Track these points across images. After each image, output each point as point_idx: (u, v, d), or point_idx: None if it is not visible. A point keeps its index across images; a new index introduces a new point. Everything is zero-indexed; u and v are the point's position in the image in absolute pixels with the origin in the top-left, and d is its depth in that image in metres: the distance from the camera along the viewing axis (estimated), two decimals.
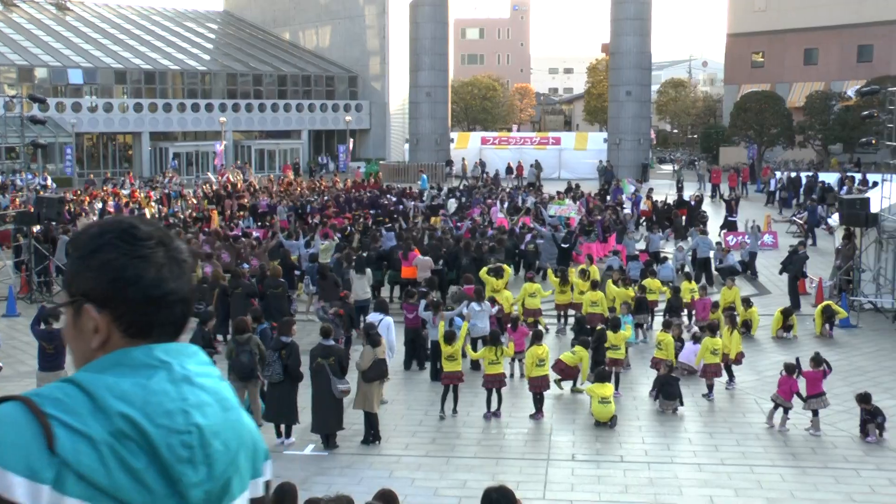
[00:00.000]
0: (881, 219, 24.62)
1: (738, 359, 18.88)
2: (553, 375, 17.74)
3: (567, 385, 18.23)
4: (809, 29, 73.09)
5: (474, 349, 19.62)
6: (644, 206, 40.66)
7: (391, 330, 17.56)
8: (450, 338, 17.25)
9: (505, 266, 23.78)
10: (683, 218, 37.58)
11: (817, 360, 16.31)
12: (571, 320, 22.71)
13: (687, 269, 28.07)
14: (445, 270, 26.00)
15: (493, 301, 21.00)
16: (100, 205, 40.24)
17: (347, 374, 15.41)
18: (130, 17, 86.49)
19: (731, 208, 38.76)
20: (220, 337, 20.73)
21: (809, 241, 35.36)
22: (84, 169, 66.97)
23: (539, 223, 32.82)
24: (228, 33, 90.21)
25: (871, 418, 15.45)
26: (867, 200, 24.87)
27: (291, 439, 15.45)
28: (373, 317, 18.12)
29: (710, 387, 18.04)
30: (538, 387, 16.93)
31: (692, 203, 39.03)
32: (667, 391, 17.08)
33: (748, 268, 29.75)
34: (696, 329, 20.98)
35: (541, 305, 22.88)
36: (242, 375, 15.66)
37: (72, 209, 37.21)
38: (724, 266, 27.71)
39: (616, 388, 17.77)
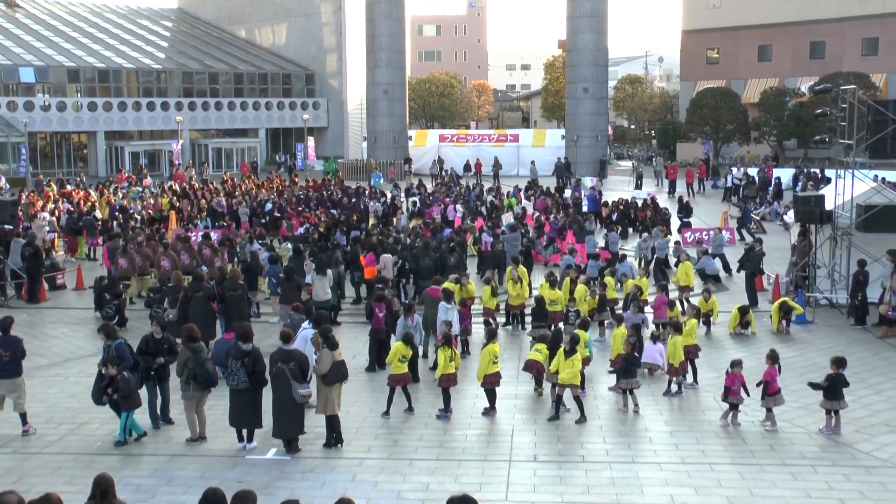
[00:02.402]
0: (835, 216, 24.98)
1: (695, 351, 19.01)
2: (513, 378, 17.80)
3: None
4: (763, 26, 73.92)
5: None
6: (603, 212, 40.47)
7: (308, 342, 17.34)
8: (408, 339, 17.29)
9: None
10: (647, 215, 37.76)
11: (773, 356, 16.51)
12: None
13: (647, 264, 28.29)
14: (407, 269, 26.20)
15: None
16: (51, 206, 39.76)
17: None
18: (83, 14, 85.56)
19: (685, 210, 39.03)
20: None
21: (737, 238, 35.94)
22: (38, 168, 66.14)
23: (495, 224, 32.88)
24: (183, 31, 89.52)
25: (830, 386, 15.73)
26: (822, 198, 25.18)
27: (253, 444, 15.37)
28: (305, 325, 17.89)
29: (672, 383, 18.23)
30: (492, 383, 17.10)
31: (650, 204, 39.28)
32: (629, 370, 17.25)
33: (726, 269, 29.96)
34: (653, 328, 21.19)
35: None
36: (209, 383, 15.54)
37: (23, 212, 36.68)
38: (678, 256, 28.02)
39: (583, 388, 17.87)
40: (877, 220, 23.55)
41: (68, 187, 50.24)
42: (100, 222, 36.08)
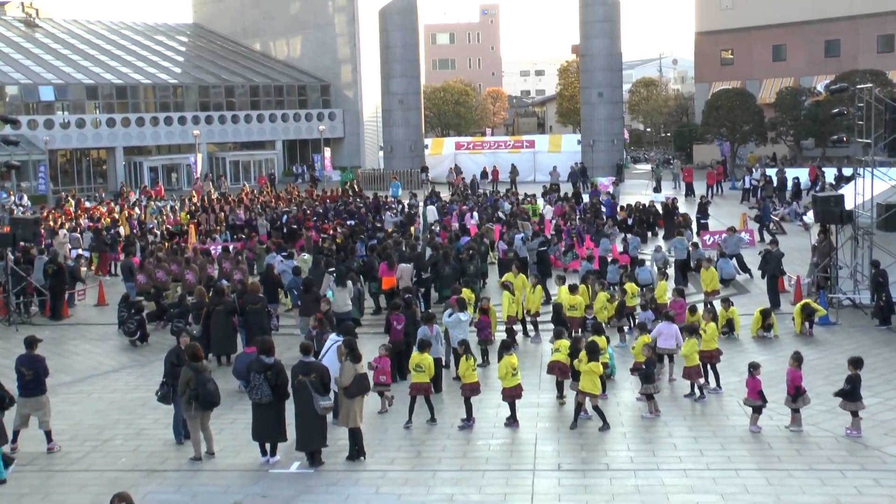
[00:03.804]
0: (856, 215, 24.80)
1: (716, 355, 18.87)
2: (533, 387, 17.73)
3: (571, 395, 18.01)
4: (776, 25, 73.67)
5: (456, 359, 19.59)
6: (619, 216, 40.10)
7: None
8: (423, 346, 17.26)
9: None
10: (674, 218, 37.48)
11: (798, 358, 16.40)
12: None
13: (667, 270, 28.14)
14: (425, 278, 26.14)
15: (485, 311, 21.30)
16: (70, 223, 39.87)
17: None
18: (100, 31, 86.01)
19: (704, 211, 38.87)
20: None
21: (757, 239, 35.74)
22: (58, 185, 66.57)
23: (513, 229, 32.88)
24: (199, 45, 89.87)
25: (850, 389, 15.68)
26: (841, 197, 25.04)
27: (277, 457, 15.36)
28: (332, 337, 17.65)
29: (694, 386, 18.15)
30: (512, 396, 16.95)
31: (670, 208, 39.11)
32: (649, 375, 17.25)
33: (744, 270, 29.82)
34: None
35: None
36: (211, 404, 15.42)
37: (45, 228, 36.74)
38: (697, 259, 27.88)
39: (604, 391, 17.82)
40: None
41: (86, 204, 50.49)
42: (122, 238, 36.13)
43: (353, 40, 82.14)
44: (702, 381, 18.32)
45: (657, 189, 55.83)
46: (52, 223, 38.97)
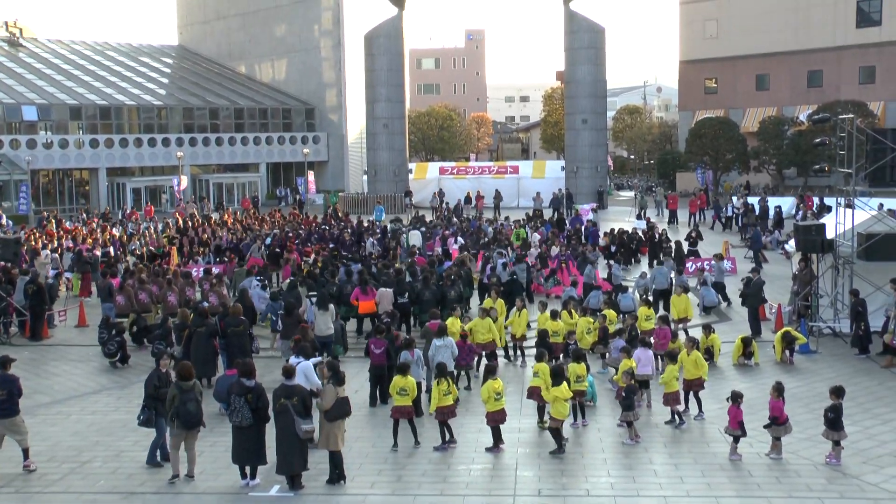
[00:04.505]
0: (837, 244, 24.96)
1: (700, 383, 18.89)
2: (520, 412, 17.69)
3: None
4: (760, 55, 74.37)
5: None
6: (602, 241, 40.10)
7: (311, 373, 17.38)
8: (403, 369, 17.24)
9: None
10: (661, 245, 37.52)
11: (779, 388, 16.43)
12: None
13: (648, 297, 28.15)
14: (409, 303, 26.04)
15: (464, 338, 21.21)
16: (53, 244, 39.69)
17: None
18: (84, 52, 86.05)
19: (692, 240, 38.85)
20: None
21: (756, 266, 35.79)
22: (40, 206, 66.31)
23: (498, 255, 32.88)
24: (184, 67, 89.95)
25: (834, 417, 15.72)
26: (822, 227, 25.20)
27: (256, 481, 15.29)
28: (292, 360, 17.68)
29: (674, 413, 18.16)
30: (496, 420, 16.93)
31: (654, 235, 39.18)
32: (629, 402, 17.26)
33: (724, 298, 29.82)
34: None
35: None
36: (190, 424, 15.35)
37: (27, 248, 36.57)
38: (679, 286, 27.84)
39: (583, 417, 17.87)
40: (878, 248, 23.57)
41: (66, 224, 50.29)
42: (104, 260, 35.93)
43: (339, 64, 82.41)
44: (680, 407, 18.36)
45: (639, 216, 55.95)
46: (34, 243, 38.79)
